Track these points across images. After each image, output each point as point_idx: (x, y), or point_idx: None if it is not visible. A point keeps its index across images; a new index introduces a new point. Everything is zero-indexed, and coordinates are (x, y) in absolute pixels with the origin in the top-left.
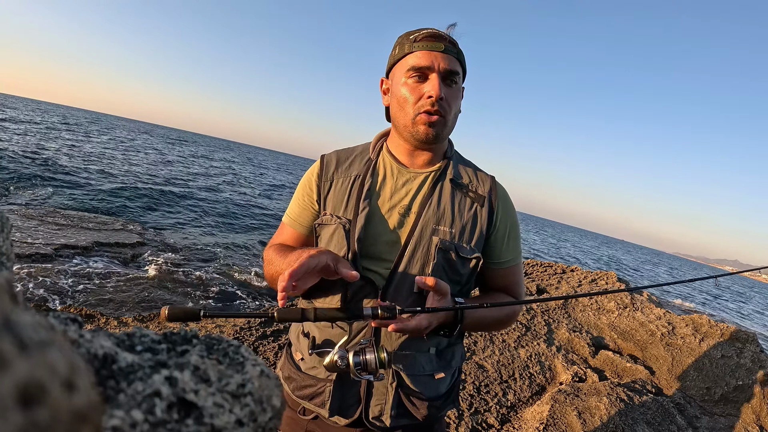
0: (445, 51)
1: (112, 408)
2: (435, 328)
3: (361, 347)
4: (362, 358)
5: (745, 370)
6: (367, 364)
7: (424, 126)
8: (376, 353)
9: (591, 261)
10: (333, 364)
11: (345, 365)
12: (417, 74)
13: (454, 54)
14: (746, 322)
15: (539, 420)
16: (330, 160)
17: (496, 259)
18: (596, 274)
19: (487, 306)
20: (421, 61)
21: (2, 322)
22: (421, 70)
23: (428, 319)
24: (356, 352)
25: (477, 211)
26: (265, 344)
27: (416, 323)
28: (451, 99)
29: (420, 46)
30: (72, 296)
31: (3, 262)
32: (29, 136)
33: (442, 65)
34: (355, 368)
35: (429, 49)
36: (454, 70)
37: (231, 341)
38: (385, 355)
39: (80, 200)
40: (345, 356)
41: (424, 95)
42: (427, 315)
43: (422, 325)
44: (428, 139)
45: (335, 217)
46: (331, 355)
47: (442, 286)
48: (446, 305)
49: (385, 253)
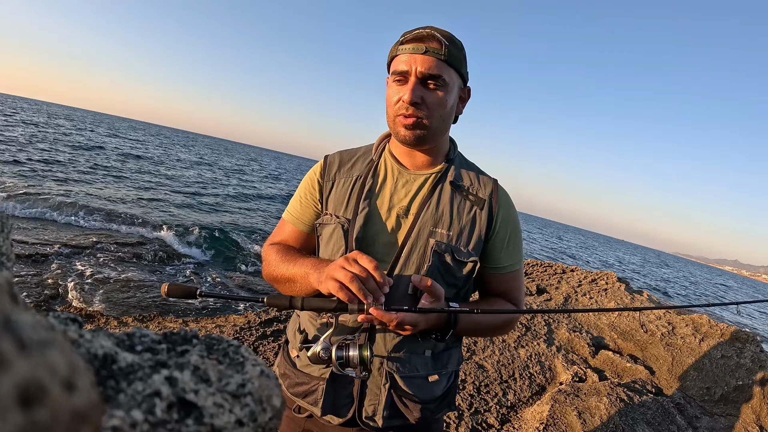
0: (426, 53)
1: (112, 408)
2: (426, 332)
3: (346, 343)
4: (345, 353)
5: (745, 370)
6: (349, 359)
7: (403, 128)
8: (359, 350)
9: (596, 261)
10: (315, 355)
11: (327, 357)
12: (399, 77)
13: (440, 56)
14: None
15: (539, 420)
16: (333, 161)
17: (494, 263)
18: (596, 274)
19: (478, 312)
20: (402, 65)
21: (2, 322)
22: (401, 73)
23: (415, 318)
24: (340, 346)
25: (476, 215)
26: (265, 344)
27: (401, 316)
28: (432, 102)
29: (404, 49)
30: (72, 296)
31: (3, 262)
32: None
33: (419, 69)
34: (336, 362)
35: (411, 51)
36: (434, 74)
37: (231, 341)
38: (368, 353)
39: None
40: (329, 348)
41: (402, 98)
42: (414, 314)
43: (406, 320)
44: (407, 141)
45: (335, 217)
46: (315, 346)
47: (437, 288)
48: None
49: (382, 254)
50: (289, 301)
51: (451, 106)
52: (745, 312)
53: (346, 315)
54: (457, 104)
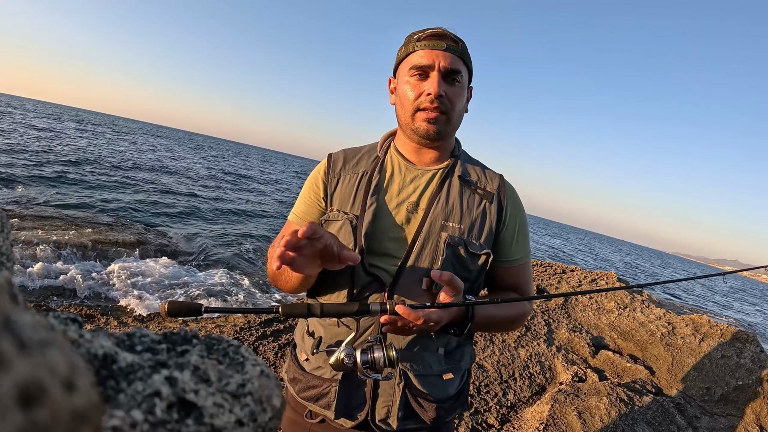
0: (447, 50)
1: (112, 408)
2: (444, 327)
3: (369, 345)
4: (370, 356)
5: (745, 370)
6: (375, 362)
7: (425, 123)
8: (385, 351)
9: (592, 260)
10: (340, 362)
11: (352, 363)
12: (418, 72)
13: (457, 53)
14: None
15: (539, 420)
16: (337, 158)
17: (505, 257)
18: (596, 274)
19: (498, 302)
20: (423, 60)
21: (2, 322)
22: (422, 68)
23: (439, 314)
24: (364, 350)
25: (486, 208)
26: (265, 344)
27: (426, 312)
28: (453, 96)
29: (422, 45)
30: (72, 296)
31: (3, 262)
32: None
33: (443, 63)
34: (362, 366)
35: (431, 47)
36: (455, 69)
37: (231, 341)
38: (393, 353)
39: (82, 200)
40: (352, 354)
41: (424, 92)
42: (437, 310)
43: (432, 319)
44: (429, 135)
45: (342, 213)
46: (338, 353)
47: (456, 281)
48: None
49: (392, 249)
50: (307, 308)
51: (465, 103)
52: (746, 312)
53: (367, 318)
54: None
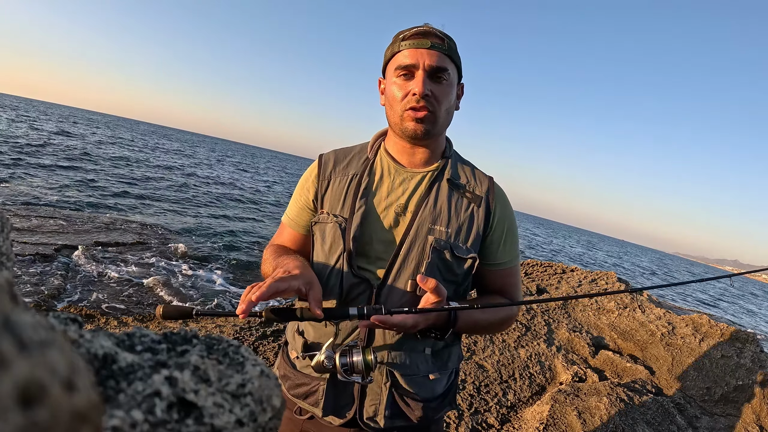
0: (432, 47)
1: (112, 408)
2: (426, 330)
3: (348, 348)
4: (349, 360)
5: (745, 370)
6: (353, 365)
7: (412, 122)
8: (363, 355)
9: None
10: (320, 364)
11: (332, 366)
12: (404, 72)
13: (444, 50)
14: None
15: (539, 420)
16: (328, 160)
17: (492, 260)
18: (596, 274)
19: (478, 307)
20: (408, 59)
21: (2, 322)
22: (407, 68)
23: (416, 319)
24: (343, 353)
25: (474, 212)
26: (265, 344)
27: (401, 319)
28: (439, 95)
29: (407, 45)
30: (72, 296)
31: (3, 262)
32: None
33: (428, 62)
34: (342, 369)
35: (415, 46)
36: (441, 67)
37: (231, 341)
38: (372, 357)
39: (82, 200)
40: (332, 356)
41: (410, 92)
42: (415, 315)
43: (407, 323)
44: (416, 135)
45: (332, 216)
46: (318, 355)
47: (440, 289)
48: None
49: (380, 252)
50: (288, 313)
51: (454, 100)
52: (746, 310)
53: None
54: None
